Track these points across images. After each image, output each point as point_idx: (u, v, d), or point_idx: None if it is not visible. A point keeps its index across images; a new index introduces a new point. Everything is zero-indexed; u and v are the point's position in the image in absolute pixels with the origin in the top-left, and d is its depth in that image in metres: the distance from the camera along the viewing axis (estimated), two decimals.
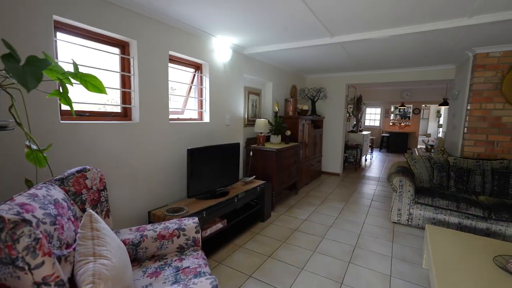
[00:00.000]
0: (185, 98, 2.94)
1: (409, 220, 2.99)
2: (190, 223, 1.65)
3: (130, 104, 2.19)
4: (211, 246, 2.38)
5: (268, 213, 3.20)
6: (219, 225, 2.39)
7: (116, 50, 2.13)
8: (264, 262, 2.24)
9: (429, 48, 3.17)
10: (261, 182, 3.18)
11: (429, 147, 4.61)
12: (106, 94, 1.31)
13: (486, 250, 1.81)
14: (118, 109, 2.19)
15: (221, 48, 3.01)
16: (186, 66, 2.81)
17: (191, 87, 2.94)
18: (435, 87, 7.47)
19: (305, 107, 4.71)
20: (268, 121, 3.80)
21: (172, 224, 1.62)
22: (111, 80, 2.15)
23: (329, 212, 3.45)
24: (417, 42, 2.92)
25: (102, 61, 2.19)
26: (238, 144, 2.91)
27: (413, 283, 1.99)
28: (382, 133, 10.44)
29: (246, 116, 3.88)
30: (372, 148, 8.65)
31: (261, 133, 3.62)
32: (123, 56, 2.13)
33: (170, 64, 2.49)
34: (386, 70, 4.69)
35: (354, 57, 3.76)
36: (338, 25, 2.45)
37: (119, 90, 2.17)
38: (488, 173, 2.95)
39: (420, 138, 9.70)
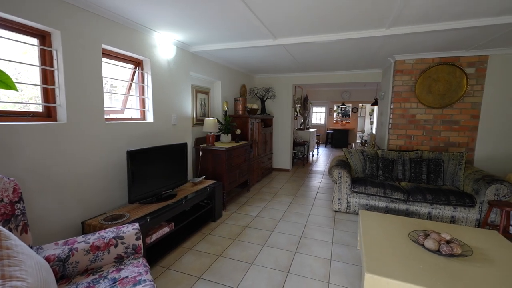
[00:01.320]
0: (125, 97, 2.72)
1: (348, 207, 3.32)
2: (130, 230, 1.54)
3: (54, 103, 1.94)
4: (158, 252, 2.27)
5: (220, 212, 3.19)
6: (165, 229, 2.29)
7: (34, 41, 1.85)
8: (214, 262, 2.23)
9: (360, 54, 3.56)
10: (212, 182, 3.15)
11: (363, 142, 5.19)
12: (17, 90, 1.13)
13: (404, 228, 2.13)
14: (40, 108, 1.91)
15: (164, 44, 2.87)
16: (124, 62, 2.60)
17: (131, 84, 2.74)
18: (369, 89, 8.43)
19: (255, 106, 4.82)
20: (218, 120, 3.78)
21: (108, 233, 1.50)
22: (35, 75, 1.87)
23: (278, 206, 3.61)
24: (350, 48, 3.25)
25: (21, 52, 1.88)
26: (185, 144, 2.83)
27: (349, 263, 2.23)
28: (327, 130, 11.33)
29: (194, 116, 3.78)
30: (318, 144, 9.32)
31: (210, 132, 3.58)
32: (43, 48, 1.86)
33: (104, 59, 2.28)
34: (326, 72, 5.10)
35: (298, 59, 4.00)
36: (280, 28, 2.57)
37: (39, 87, 1.89)
38: (407, 162, 3.46)
39: (358, 134, 10.83)
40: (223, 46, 3.15)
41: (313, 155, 8.35)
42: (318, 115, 12.03)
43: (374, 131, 8.59)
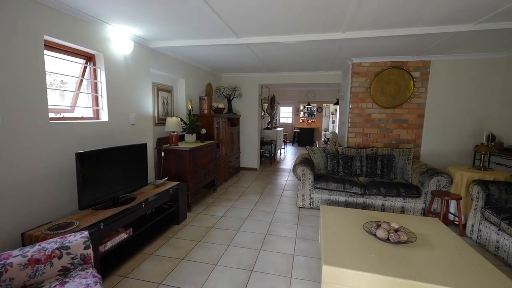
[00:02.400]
0: (75, 94, 2.49)
1: (311, 203, 3.45)
2: (77, 239, 1.42)
3: None
4: (115, 260, 2.12)
5: (184, 214, 3.10)
6: (122, 235, 2.15)
7: None
8: (177, 266, 2.16)
9: (321, 56, 3.72)
10: (175, 183, 3.04)
11: (326, 140, 5.43)
12: None
13: (360, 220, 2.27)
14: None
15: (120, 38, 2.69)
16: (73, 56, 2.38)
17: (81, 81, 2.52)
18: (332, 89, 8.86)
19: (221, 106, 4.77)
20: (181, 120, 3.66)
21: (51, 244, 1.36)
22: None
23: (245, 205, 3.62)
24: (311, 50, 3.37)
25: None
26: (144, 145, 2.68)
27: (311, 257, 2.32)
28: (294, 129, 11.66)
29: (156, 115, 3.61)
30: (285, 143, 9.55)
31: (173, 132, 3.45)
32: None
33: (47, 52, 2.06)
34: (291, 72, 5.24)
35: (263, 60, 4.04)
36: (242, 27, 2.57)
37: None
38: (364, 159, 3.71)
39: (323, 133, 11.33)
40: (185, 43, 3.06)
41: (280, 154, 8.53)
42: (285, 114, 12.31)
43: (336, 130, 9.07)
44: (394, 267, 1.58)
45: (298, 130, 11.22)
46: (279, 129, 8.12)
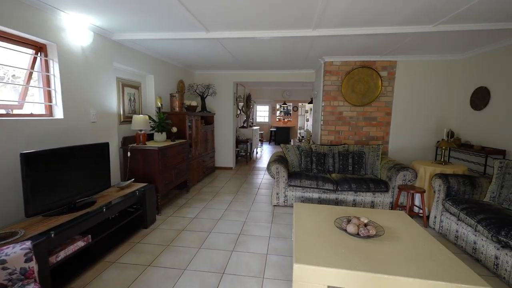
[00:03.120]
0: (23, 88, 2.23)
1: (285, 201, 3.45)
2: (16, 251, 1.24)
3: None
4: (71, 271, 1.93)
5: (153, 217, 2.93)
6: (79, 244, 1.96)
7: None
8: (142, 273, 2.01)
9: (294, 54, 3.72)
10: (142, 184, 2.86)
11: (301, 138, 5.49)
12: None
13: (331, 216, 2.28)
14: None
15: (76, 28, 2.46)
16: (19, 45, 2.12)
17: (31, 73, 2.26)
18: (306, 88, 9.01)
19: (194, 103, 4.60)
20: (150, 118, 3.47)
21: None
22: None
23: (219, 206, 3.52)
24: (284, 47, 3.36)
25: None
26: (106, 144, 2.48)
27: (284, 255, 2.29)
28: (271, 128, 11.72)
29: (121, 112, 3.38)
30: (262, 141, 9.55)
31: (140, 130, 3.25)
32: None
33: None
34: (266, 70, 5.21)
35: (236, 56, 3.96)
36: (211, 21, 2.47)
37: None
38: (336, 156, 3.78)
39: (298, 131, 11.51)
40: (150, 36, 2.88)
41: (257, 153, 8.51)
42: (262, 113, 12.32)
43: (310, 128, 9.25)
44: (362, 261, 1.59)
45: (275, 129, 11.29)
46: (255, 127, 8.09)
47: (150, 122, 3.49)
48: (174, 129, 3.81)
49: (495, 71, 3.16)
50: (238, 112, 7.38)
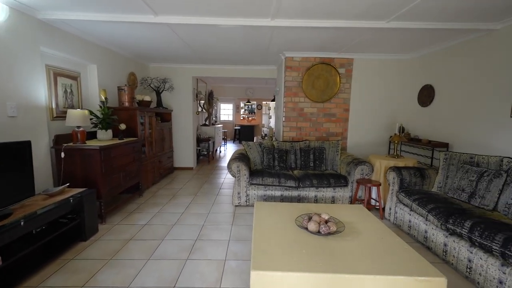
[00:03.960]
0: None
1: (247, 200, 3.29)
2: None
3: None
4: None
5: (94, 227, 2.53)
6: None
7: None
8: None
9: (254, 47, 3.58)
10: (79, 190, 2.45)
11: (264, 135, 5.40)
12: None
13: (293, 214, 2.18)
14: None
15: None
16: None
17: None
18: (270, 86, 9.00)
19: (147, 98, 4.19)
20: (91, 112, 3.02)
21: None
22: None
23: (175, 209, 3.22)
24: (243, 38, 3.19)
25: None
26: (27, 143, 2.04)
27: (244, 260, 2.12)
28: (235, 126, 11.51)
29: (54, 106, 2.88)
30: (225, 140, 9.30)
31: (78, 127, 2.80)
32: None
33: None
34: (226, 65, 5.00)
35: (193, 47, 3.68)
36: (160, 2, 2.19)
37: None
38: (298, 152, 3.75)
39: (262, 129, 11.50)
40: (87, 16, 2.48)
41: (220, 151, 8.24)
42: (226, 111, 12.04)
43: (272, 125, 9.28)
44: (323, 261, 1.49)
45: (239, 127, 11.12)
46: (218, 125, 7.81)
47: (92, 118, 3.04)
48: (123, 126, 3.40)
49: (439, 70, 3.41)
50: (199, 109, 7.04)
